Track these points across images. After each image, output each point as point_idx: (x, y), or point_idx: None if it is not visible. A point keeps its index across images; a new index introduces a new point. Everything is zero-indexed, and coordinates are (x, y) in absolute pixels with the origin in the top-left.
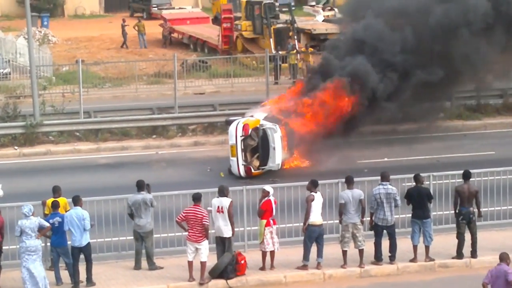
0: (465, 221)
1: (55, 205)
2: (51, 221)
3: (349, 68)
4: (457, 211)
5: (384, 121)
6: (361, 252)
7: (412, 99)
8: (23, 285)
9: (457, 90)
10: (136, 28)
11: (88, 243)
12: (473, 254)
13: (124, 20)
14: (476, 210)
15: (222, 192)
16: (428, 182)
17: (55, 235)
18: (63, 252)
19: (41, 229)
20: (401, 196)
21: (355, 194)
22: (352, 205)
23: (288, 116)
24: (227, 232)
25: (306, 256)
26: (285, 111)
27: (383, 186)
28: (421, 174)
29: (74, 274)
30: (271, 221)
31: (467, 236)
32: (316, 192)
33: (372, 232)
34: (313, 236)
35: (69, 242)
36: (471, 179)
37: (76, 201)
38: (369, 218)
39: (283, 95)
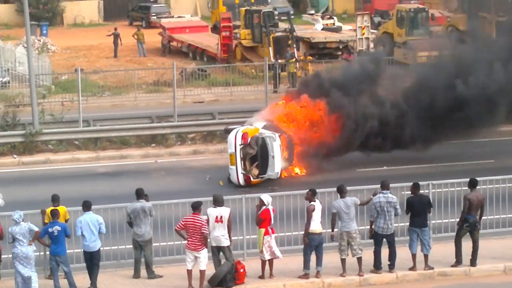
0: (470, 228)
1: (55, 214)
2: (50, 229)
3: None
4: (463, 219)
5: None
6: (359, 260)
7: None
8: None
9: None
10: (135, 36)
11: (99, 248)
12: (473, 262)
13: (115, 29)
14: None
15: (221, 202)
16: (427, 191)
17: (55, 244)
18: (62, 260)
19: (31, 233)
20: (401, 205)
21: (348, 202)
22: (345, 214)
23: (286, 125)
24: (225, 241)
25: (306, 265)
26: (283, 120)
27: (383, 194)
28: (420, 182)
29: (73, 283)
30: (270, 230)
31: (466, 244)
32: (315, 201)
33: (371, 240)
34: (313, 245)
35: (68, 250)
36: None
37: (88, 207)
38: (368, 227)
39: (280, 103)
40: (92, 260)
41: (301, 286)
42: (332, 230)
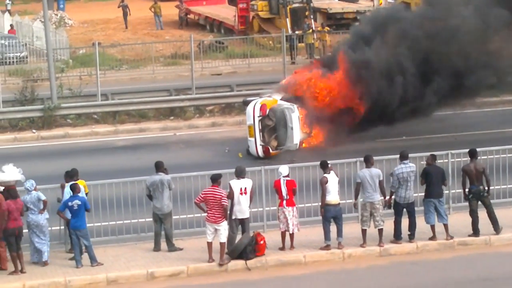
0: (475, 199)
1: (74, 188)
2: (70, 203)
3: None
4: (466, 190)
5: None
6: (380, 231)
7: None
8: (30, 258)
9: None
10: (153, 9)
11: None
12: (496, 229)
13: (122, 0)
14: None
15: (244, 173)
16: (446, 160)
17: (74, 217)
18: (82, 235)
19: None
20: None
21: (373, 173)
22: (370, 184)
23: (305, 96)
24: (247, 213)
25: (326, 236)
26: (302, 91)
27: (404, 164)
28: (438, 152)
29: (93, 257)
30: (284, 202)
31: (482, 214)
32: (329, 173)
33: (391, 211)
34: (328, 216)
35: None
36: (479, 157)
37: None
38: (388, 197)
39: (298, 73)
40: None
41: (321, 257)
42: (355, 199)
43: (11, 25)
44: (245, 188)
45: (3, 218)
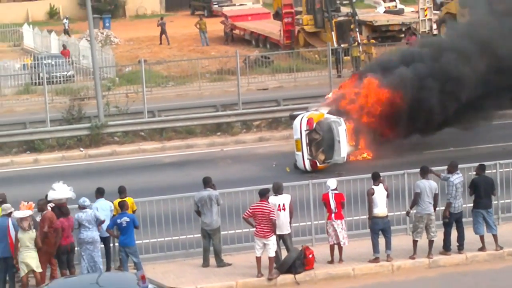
0: None
1: (123, 205)
2: (119, 221)
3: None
4: None
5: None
6: (431, 242)
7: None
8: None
9: None
10: (198, 26)
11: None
12: None
13: (161, 18)
14: None
15: (281, 189)
16: (494, 170)
17: (123, 235)
18: (131, 252)
19: (97, 221)
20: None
21: (432, 186)
22: (427, 196)
23: (351, 110)
24: (288, 228)
25: (375, 249)
26: (348, 104)
27: (457, 175)
28: (487, 162)
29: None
30: (333, 216)
31: None
32: (377, 185)
33: (439, 222)
34: (376, 228)
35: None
36: None
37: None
38: (445, 209)
39: (344, 86)
40: None
41: (370, 269)
42: (411, 208)
43: (64, 45)
44: (283, 204)
45: (58, 235)
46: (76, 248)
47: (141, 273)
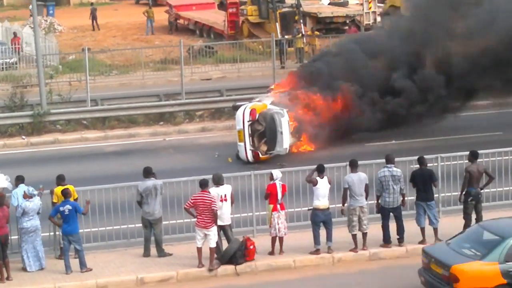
0: (474, 201)
1: (66, 193)
2: (61, 208)
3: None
4: (464, 192)
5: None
6: (364, 235)
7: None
8: (23, 265)
9: None
10: (146, 14)
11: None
12: None
13: (91, 4)
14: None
15: (222, 180)
16: (436, 164)
17: (66, 223)
18: (74, 239)
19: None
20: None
21: (362, 178)
22: (358, 189)
23: (294, 101)
24: (229, 219)
25: (316, 241)
26: (291, 96)
27: (388, 168)
28: (428, 155)
29: (84, 262)
30: (278, 206)
31: (473, 216)
32: (322, 178)
33: (378, 215)
34: (317, 220)
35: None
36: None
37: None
38: (375, 201)
39: (287, 80)
40: None
41: (311, 261)
42: (343, 205)
43: (15, 33)
44: (225, 195)
45: None
46: (14, 238)
47: None
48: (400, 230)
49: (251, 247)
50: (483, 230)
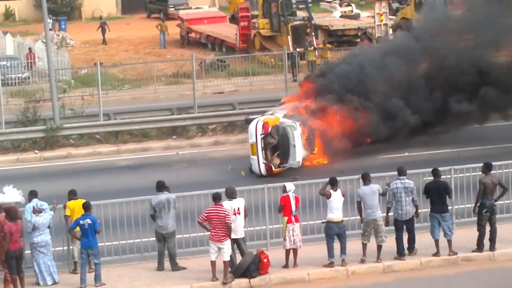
0: (489, 213)
1: (87, 207)
2: (81, 221)
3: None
4: (478, 204)
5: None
6: (379, 247)
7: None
8: (36, 279)
9: None
10: (159, 27)
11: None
12: (492, 247)
13: (100, 18)
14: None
15: (235, 194)
16: (449, 176)
17: (86, 237)
18: (94, 253)
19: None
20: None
21: (373, 189)
22: (370, 201)
23: (307, 114)
24: (242, 233)
25: (330, 253)
26: (304, 109)
27: (400, 180)
28: (441, 167)
29: (99, 275)
30: (293, 218)
31: (487, 228)
32: (335, 190)
33: (392, 227)
34: (331, 233)
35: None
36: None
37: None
38: (385, 214)
39: (300, 93)
40: None
41: (325, 274)
42: (361, 216)
43: (30, 48)
44: (238, 208)
45: (6, 240)
46: (27, 252)
47: None
48: (411, 242)
49: (265, 260)
50: None
